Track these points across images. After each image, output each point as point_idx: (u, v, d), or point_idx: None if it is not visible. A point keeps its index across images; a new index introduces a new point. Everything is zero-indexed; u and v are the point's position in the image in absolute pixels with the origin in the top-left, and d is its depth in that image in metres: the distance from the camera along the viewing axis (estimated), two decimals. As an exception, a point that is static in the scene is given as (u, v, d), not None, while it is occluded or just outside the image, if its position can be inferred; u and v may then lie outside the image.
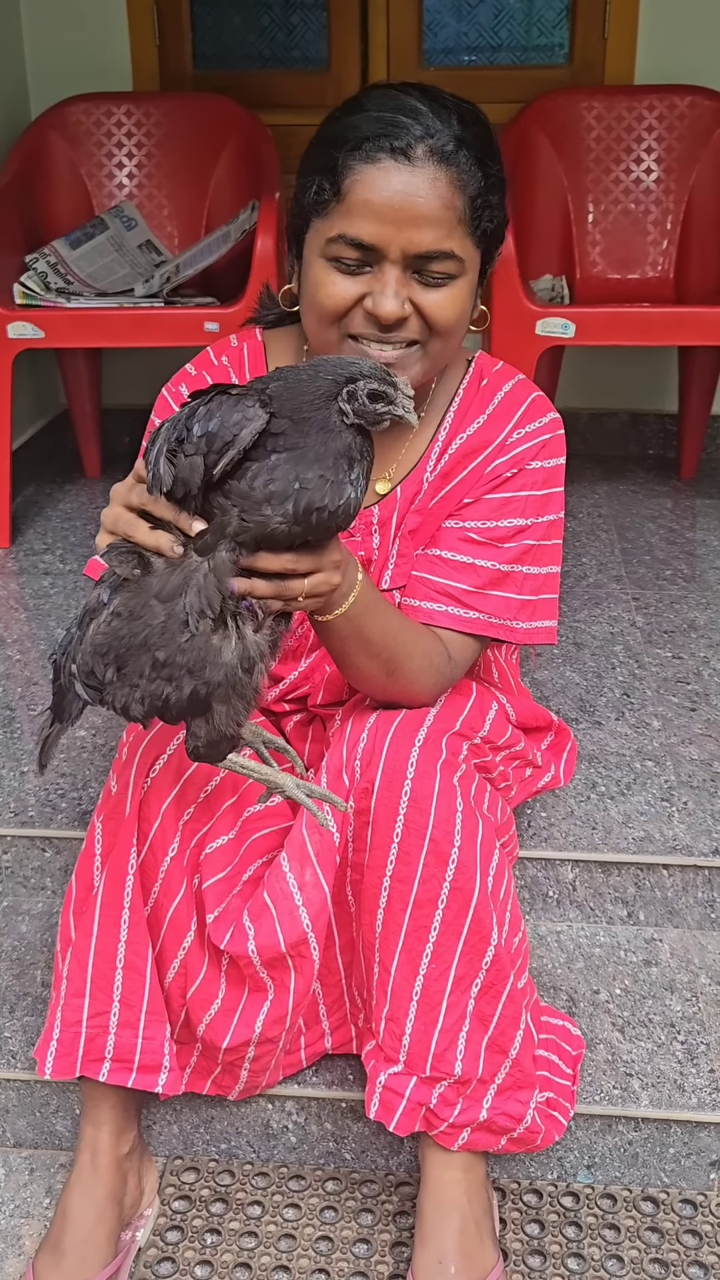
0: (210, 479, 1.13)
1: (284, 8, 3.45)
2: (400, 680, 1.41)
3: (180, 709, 1.21)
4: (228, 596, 1.16)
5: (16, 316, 2.80)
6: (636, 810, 1.93)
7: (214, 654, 1.18)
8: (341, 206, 1.32)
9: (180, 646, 1.18)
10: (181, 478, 1.13)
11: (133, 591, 1.20)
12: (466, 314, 1.39)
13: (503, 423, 1.49)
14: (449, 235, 1.32)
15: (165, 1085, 1.47)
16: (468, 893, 1.37)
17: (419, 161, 1.30)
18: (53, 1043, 1.46)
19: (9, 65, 3.34)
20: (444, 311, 1.35)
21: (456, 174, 1.32)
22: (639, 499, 3.27)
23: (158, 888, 1.45)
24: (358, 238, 1.31)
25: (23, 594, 2.74)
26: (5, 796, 1.98)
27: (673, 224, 3.22)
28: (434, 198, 1.31)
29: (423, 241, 1.31)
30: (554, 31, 3.44)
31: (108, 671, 1.21)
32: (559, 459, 1.51)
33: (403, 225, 1.30)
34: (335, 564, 1.22)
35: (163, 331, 2.82)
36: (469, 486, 1.50)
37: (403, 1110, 1.42)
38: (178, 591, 1.17)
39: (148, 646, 1.18)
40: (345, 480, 1.14)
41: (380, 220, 1.30)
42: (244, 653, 1.19)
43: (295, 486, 1.12)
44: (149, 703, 1.21)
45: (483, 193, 1.34)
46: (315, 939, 1.42)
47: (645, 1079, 1.62)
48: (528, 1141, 1.48)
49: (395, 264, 1.32)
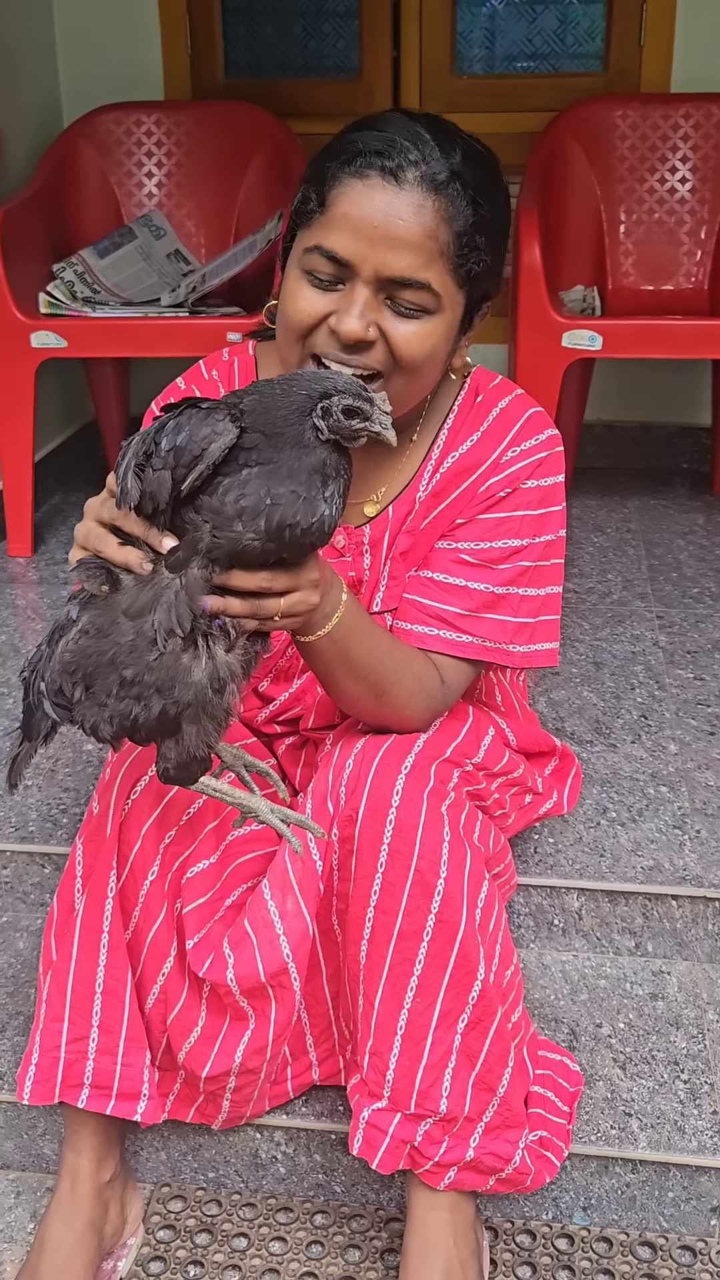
0: (179, 494, 1.10)
1: (316, 16, 3.44)
2: (389, 704, 1.37)
3: (149, 729, 1.18)
4: (199, 615, 1.13)
5: (40, 325, 2.80)
6: (647, 838, 1.87)
7: (183, 673, 1.15)
8: (323, 218, 1.29)
9: (149, 665, 1.15)
10: (149, 492, 1.11)
11: (101, 609, 1.17)
12: (438, 354, 1.33)
13: (497, 440, 1.45)
14: (426, 265, 1.27)
15: (144, 1114, 1.44)
16: (454, 925, 1.33)
17: (407, 185, 1.26)
18: (31, 1067, 1.44)
19: (42, 75, 3.35)
20: (410, 345, 1.29)
21: (445, 205, 1.27)
22: (669, 514, 3.21)
23: (138, 912, 1.42)
24: (332, 250, 1.28)
25: (42, 603, 2.73)
26: (6, 811, 1.96)
27: (707, 234, 3.16)
28: (416, 224, 1.26)
29: (397, 265, 1.26)
30: (589, 40, 3.39)
31: (76, 690, 1.19)
32: (556, 477, 1.46)
33: (378, 245, 1.26)
34: (314, 583, 1.18)
35: (185, 341, 2.81)
36: (462, 506, 1.45)
37: (386, 1147, 1.38)
38: (147, 609, 1.14)
39: (115, 665, 1.16)
40: (318, 497, 1.10)
41: (357, 236, 1.26)
42: (214, 673, 1.16)
43: (267, 502, 1.09)
44: (117, 722, 1.18)
45: (471, 231, 1.29)
46: (296, 969, 1.38)
47: (645, 1119, 1.57)
48: (517, 1183, 1.43)
49: (367, 284, 1.28)
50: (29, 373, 2.83)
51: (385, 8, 3.33)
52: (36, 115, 3.31)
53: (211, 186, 3.27)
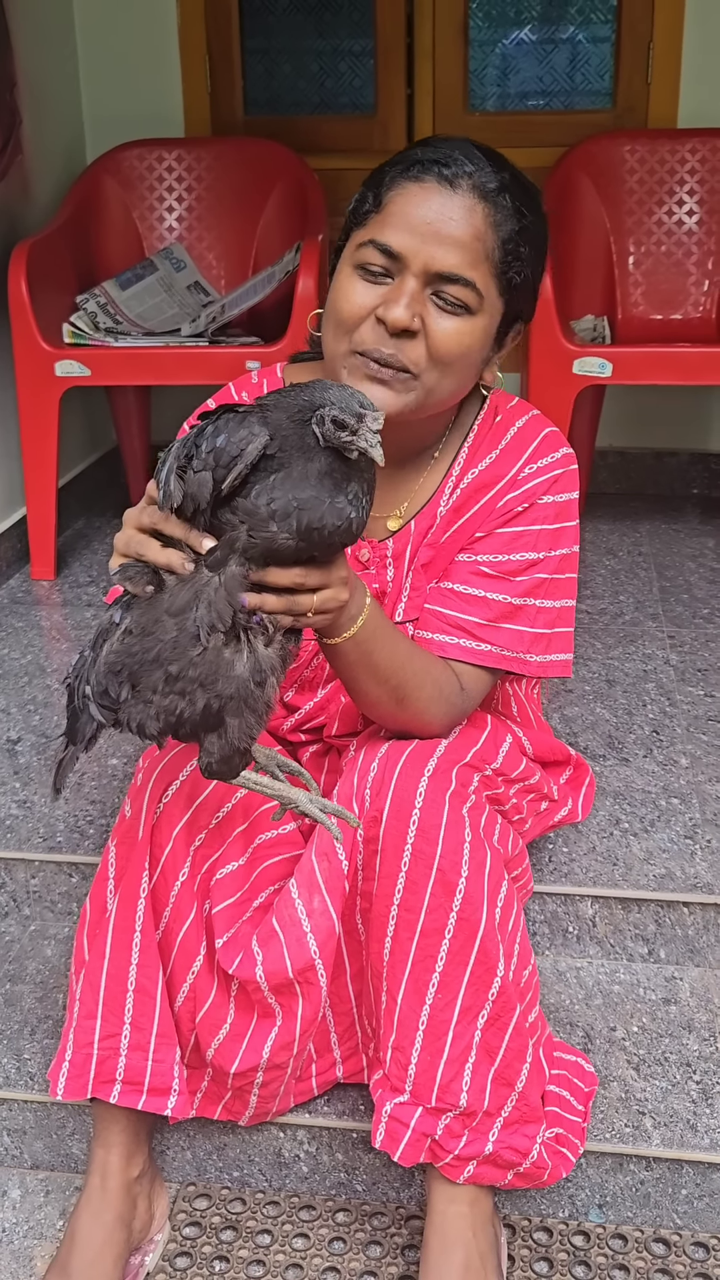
0: (219, 494, 1.16)
1: (332, 56, 3.54)
2: (410, 709, 1.42)
3: (194, 724, 1.23)
4: (238, 610, 1.19)
5: (64, 355, 2.88)
6: (659, 847, 1.92)
7: (226, 667, 1.20)
8: (379, 216, 1.38)
9: (192, 660, 1.20)
10: (191, 493, 1.17)
11: (144, 609, 1.23)
12: (471, 356, 1.40)
13: (515, 458, 1.51)
14: (473, 265, 1.36)
15: (175, 1108, 1.49)
16: (474, 923, 1.38)
17: (460, 190, 1.36)
18: (65, 1064, 1.49)
19: (67, 112, 3.44)
20: (449, 340, 1.37)
21: (493, 211, 1.37)
22: (680, 538, 3.27)
23: (168, 912, 1.47)
24: (386, 243, 1.36)
25: (66, 625, 2.80)
26: (35, 822, 2.02)
27: (714, 265, 3.23)
28: (466, 224, 1.35)
29: (446, 261, 1.35)
30: (598, 77, 3.48)
31: (122, 690, 1.24)
32: (571, 494, 1.53)
33: (429, 240, 1.35)
34: (343, 580, 1.25)
35: (205, 370, 2.88)
36: (481, 520, 1.52)
37: (408, 1140, 1.43)
38: (189, 606, 1.20)
39: (160, 661, 1.21)
40: (341, 499, 1.16)
41: (411, 232, 1.35)
42: (255, 666, 1.21)
43: (294, 506, 1.15)
44: (163, 719, 1.23)
45: (515, 239, 1.39)
46: (323, 966, 1.43)
47: (658, 1118, 1.61)
48: (534, 1177, 1.47)
49: (416, 278, 1.35)
50: (53, 401, 2.91)
51: (400, 47, 3.43)
52: (62, 151, 3.40)
53: (231, 220, 3.35)
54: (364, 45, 3.47)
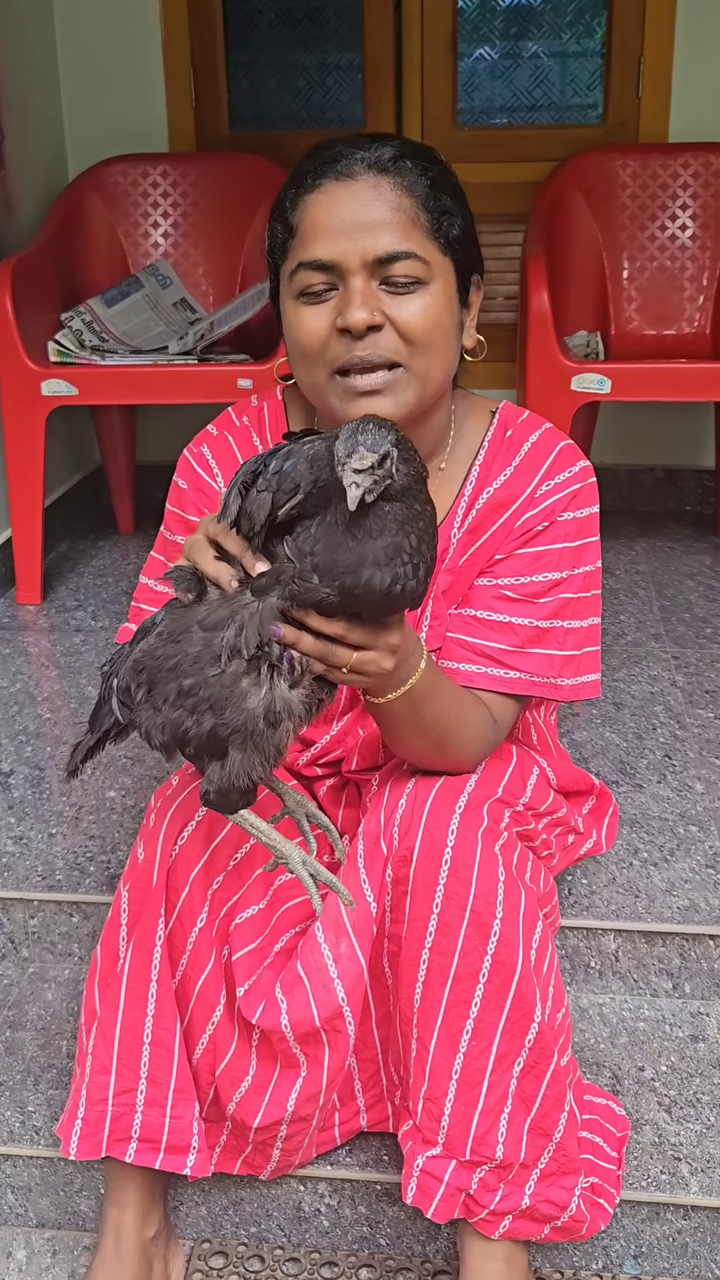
0: (274, 519, 1.10)
1: (319, 70, 3.49)
2: (450, 754, 1.37)
3: (197, 745, 1.17)
4: (267, 641, 1.13)
5: (51, 374, 2.81)
6: (680, 878, 1.86)
7: (239, 697, 1.14)
8: (296, 240, 1.33)
9: (207, 679, 1.14)
10: (247, 511, 1.11)
11: (179, 616, 1.17)
12: (444, 327, 1.35)
13: (531, 474, 1.45)
14: (405, 236, 1.31)
15: (194, 1167, 1.41)
16: (510, 967, 1.32)
17: (360, 176, 1.31)
18: (77, 1121, 1.41)
19: (48, 127, 3.38)
20: (416, 319, 1.31)
21: (400, 179, 1.32)
22: (677, 555, 3.23)
23: (185, 959, 1.40)
24: (314, 258, 1.30)
25: (54, 651, 2.72)
26: (33, 860, 1.94)
27: (709, 280, 3.20)
28: (380, 203, 1.31)
29: (379, 245, 1.30)
30: (588, 91, 3.45)
31: (139, 691, 1.19)
32: (592, 508, 1.47)
33: (355, 234, 1.30)
34: (391, 648, 1.17)
35: (195, 388, 2.82)
36: (499, 542, 1.46)
37: (441, 1196, 1.36)
38: (220, 625, 1.14)
39: (177, 672, 1.16)
40: (395, 562, 1.09)
41: (333, 236, 1.30)
42: (271, 705, 1.15)
43: (335, 564, 1.08)
44: (168, 731, 1.18)
45: (432, 194, 1.34)
46: (351, 1013, 1.36)
47: (695, 1163, 1.55)
48: (572, 1231, 1.40)
49: (358, 275, 1.30)
50: (39, 421, 2.84)
51: (388, 61, 3.38)
52: (44, 168, 3.33)
53: (217, 236, 3.30)
54: (351, 59, 3.43)
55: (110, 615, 2.88)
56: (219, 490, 1.48)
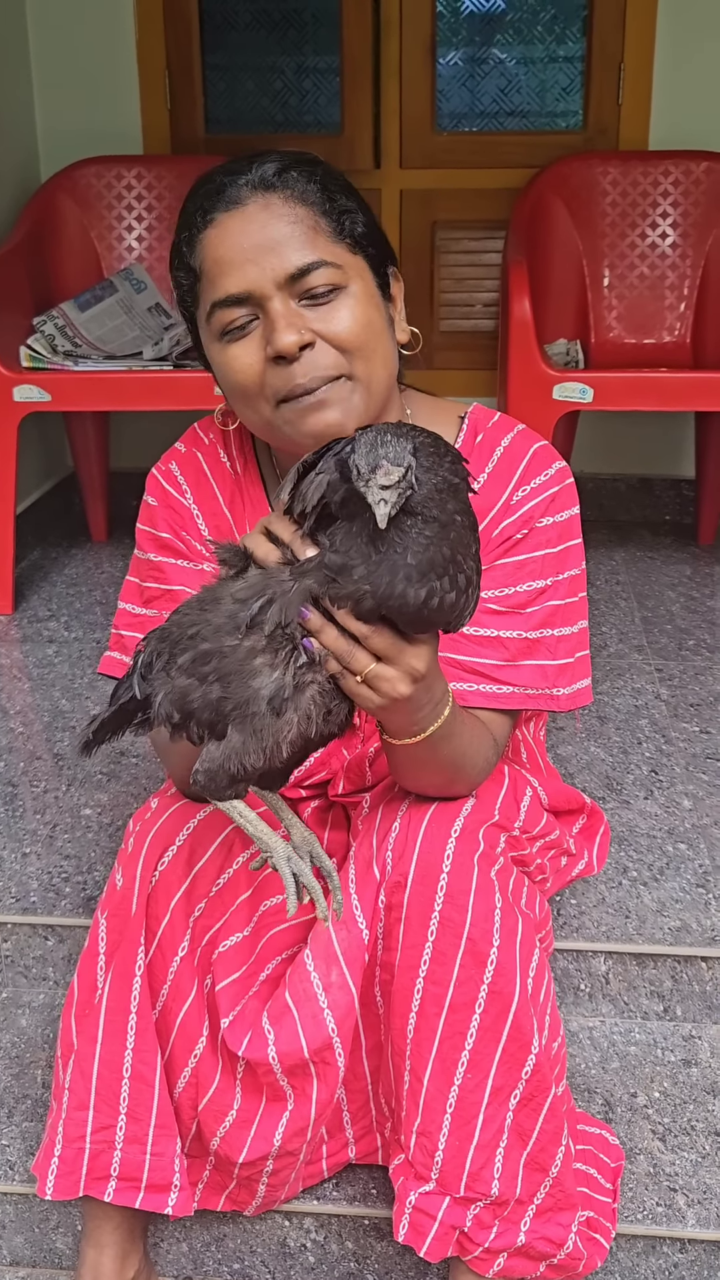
0: (325, 502, 1.06)
1: (296, 73, 3.45)
2: (457, 786, 1.33)
3: (200, 718, 1.13)
4: (291, 622, 1.09)
5: (23, 379, 2.75)
6: (671, 897, 1.83)
7: (249, 673, 1.10)
8: (204, 282, 1.28)
9: (222, 648, 1.10)
10: (301, 491, 1.07)
11: (213, 586, 1.14)
12: (375, 325, 1.30)
13: (505, 480, 1.40)
14: (311, 246, 1.26)
15: (175, 1206, 1.36)
16: (507, 996, 1.27)
17: (247, 199, 1.27)
18: (54, 1159, 1.35)
19: (20, 128, 3.32)
20: (344, 325, 1.26)
21: (288, 192, 1.27)
22: (657, 565, 3.20)
23: (166, 990, 1.34)
24: (225, 293, 1.26)
25: (26, 663, 2.66)
26: (6, 880, 1.88)
27: (689, 288, 3.18)
28: (275, 220, 1.26)
29: (287, 262, 1.25)
30: (568, 98, 3.42)
31: (160, 659, 1.16)
32: (571, 510, 1.42)
33: (260, 259, 1.25)
34: (412, 671, 1.12)
35: (172, 395, 2.77)
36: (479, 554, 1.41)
37: (434, 1234, 1.31)
38: (251, 596, 1.10)
39: (196, 639, 1.12)
40: (429, 576, 1.05)
41: (239, 266, 1.25)
42: (279, 690, 1.10)
43: (375, 568, 1.05)
44: (176, 697, 1.13)
45: (324, 196, 1.29)
46: (341, 1044, 1.31)
47: (691, 1194, 1.51)
48: (569, 1269, 1.36)
49: (275, 298, 1.25)
50: (11, 427, 2.78)
51: (366, 65, 3.34)
52: (15, 169, 3.27)
53: (193, 240, 3.24)
54: (329, 63, 3.38)
55: (84, 626, 2.82)
56: (189, 506, 1.43)
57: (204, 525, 1.42)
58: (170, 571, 1.41)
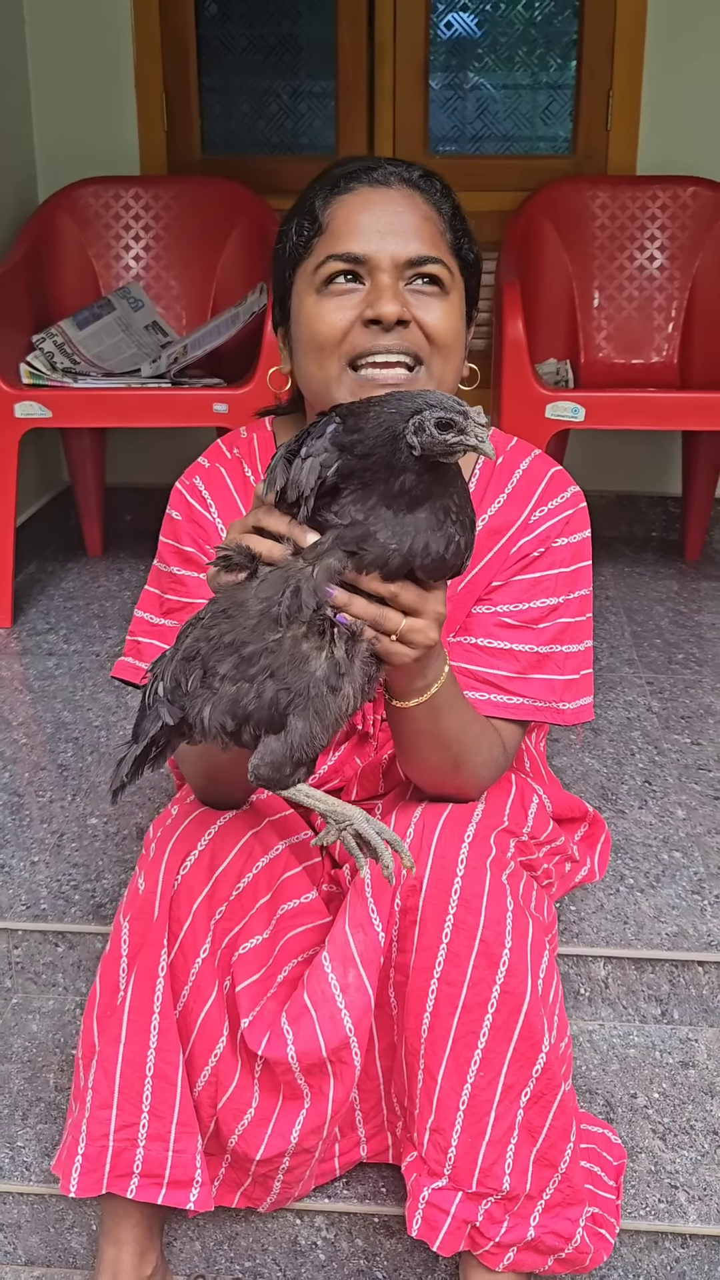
0: (323, 482, 1.10)
1: (292, 96, 3.50)
2: (464, 774, 1.37)
3: (257, 719, 1.15)
4: (323, 603, 1.12)
5: (24, 396, 2.79)
6: (668, 904, 1.88)
7: (301, 660, 1.13)
8: (326, 235, 1.35)
9: (267, 645, 1.13)
10: (294, 479, 1.12)
11: (230, 593, 1.16)
12: (460, 336, 1.38)
13: (524, 501, 1.46)
14: (434, 245, 1.35)
15: (197, 1201, 1.39)
16: (519, 996, 1.32)
17: (395, 186, 1.36)
18: (78, 1158, 1.38)
19: (18, 149, 3.36)
20: (439, 321, 1.34)
21: (428, 197, 1.38)
22: (645, 581, 3.26)
23: (187, 991, 1.38)
24: (348, 251, 1.33)
25: (27, 675, 2.69)
26: (16, 888, 1.91)
27: (677, 310, 3.25)
28: (413, 211, 1.35)
29: (410, 249, 1.33)
30: (558, 123, 3.49)
31: (192, 678, 1.17)
32: (584, 533, 1.49)
33: (388, 236, 1.33)
34: (438, 616, 1.17)
35: (172, 412, 2.82)
36: (496, 569, 1.46)
37: (447, 1228, 1.35)
38: (277, 590, 1.13)
39: (235, 645, 1.14)
40: (450, 523, 1.11)
41: (367, 234, 1.33)
42: (334, 668, 1.13)
43: (404, 527, 1.10)
44: (225, 706, 1.15)
45: (455, 216, 1.40)
46: (357, 1043, 1.35)
47: (692, 1191, 1.55)
48: (576, 1262, 1.40)
49: (387, 272, 1.33)
50: (12, 443, 2.81)
51: (361, 89, 3.41)
52: (14, 189, 3.31)
53: (190, 260, 3.29)
54: (325, 86, 3.45)
55: (83, 639, 2.85)
56: (213, 520, 1.48)
57: None
58: (192, 584, 1.45)
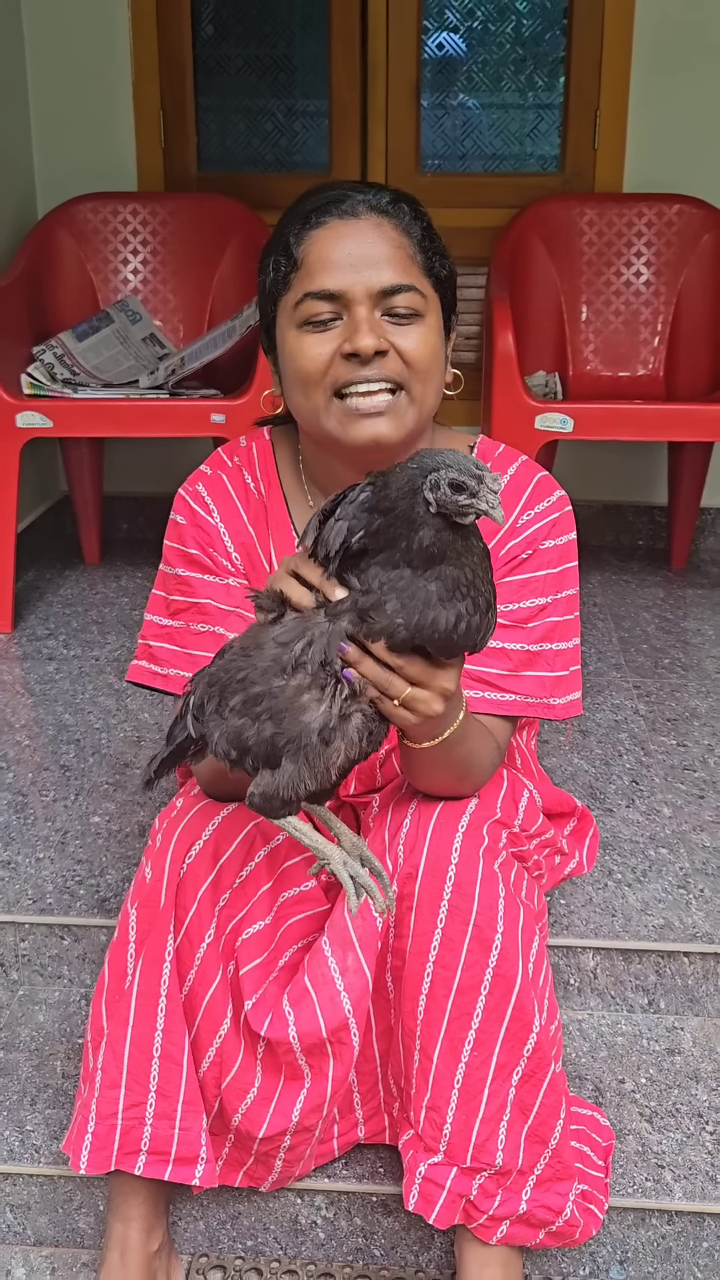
0: (348, 548, 1.16)
1: (287, 115, 3.58)
2: (465, 785, 1.44)
3: (255, 754, 1.22)
4: (333, 658, 1.19)
5: (25, 406, 2.85)
6: (654, 897, 1.94)
7: (298, 710, 1.20)
8: (301, 272, 1.41)
9: (271, 689, 1.20)
10: (323, 539, 1.18)
11: (254, 632, 1.24)
12: (438, 358, 1.44)
13: (511, 506, 1.53)
14: (407, 271, 1.41)
15: (202, 1177, 1.45)
16: (510, 979, 1.38)
17: (363, 216, 1.41)
18: (88, 1136, 1.44)
19: (18, 166, 3.43)
20: (417, 348, 1.40)
21: (397, 222, 1.42)
22: (632, 588, 3.33)
23: (193, 975, 1.44)
24: (322, 288, 1.39)
25: (28, 679, 2.74)
26: (22, 884, 1.97)
27: (663, 324, 3.33)
28: (383, 240, 1.41)
29: (383, 278, 1.39)
30: (546, 141, 3.58)
31: (211, 703, 1.25)
32: (570, 535, 1.56)
33: (361, 269, 1.39)
34: (443, 691, 1.23)
35: (170, 422, 2.88)
36: None
37: (443, 1202, 1.41)
38: (293, 639, 1.20)
39: (245, 683, 1.22)
40: (459, 600, 1.16)
41: (340, 269, 1.39)
42: (327, 723, 1.20)
43: (410, 598, 1.15)
44: (231, 737, 1.23)
45: (425, 236, 1.45)
46: (356, 1024, 1.41)
47: (678, 1170, 1.61)
48: (566, 1235, 1.46)
49: (363, 305, 1.39)
50: (14, 452, 2.87)
51: (354, 108, 3.49)
52: (14, 205, 3.38)
53: (187, 274, 3.36)
54: (318, 106, 3.52)
55: (82, 644, 2.91)
56: (215, 525, 1.54)
57: (230, 542, 1.53)
58: (198, 586, 1.52)
